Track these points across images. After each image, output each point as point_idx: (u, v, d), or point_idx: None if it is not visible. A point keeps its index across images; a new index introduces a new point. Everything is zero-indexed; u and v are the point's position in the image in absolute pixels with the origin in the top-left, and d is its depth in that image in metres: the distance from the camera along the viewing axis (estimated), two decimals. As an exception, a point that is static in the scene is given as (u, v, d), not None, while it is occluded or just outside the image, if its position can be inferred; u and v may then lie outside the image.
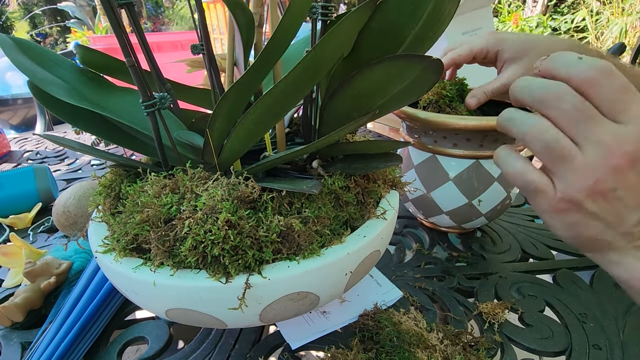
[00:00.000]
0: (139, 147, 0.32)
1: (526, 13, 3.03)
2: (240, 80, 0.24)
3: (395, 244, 0.50)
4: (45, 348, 0.34)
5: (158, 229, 0.25)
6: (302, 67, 0.23)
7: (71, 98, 0.28)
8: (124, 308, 0.41)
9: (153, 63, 0.29)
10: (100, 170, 0.81)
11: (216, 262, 0.24)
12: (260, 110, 0.25)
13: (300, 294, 0.26)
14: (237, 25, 0.28)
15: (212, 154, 0.27)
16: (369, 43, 0.27)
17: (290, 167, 0.33)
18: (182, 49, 1.65)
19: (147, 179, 0.27)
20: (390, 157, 0.31)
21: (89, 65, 0.33)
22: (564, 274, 0.44)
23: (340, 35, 0.23)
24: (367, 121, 0.28)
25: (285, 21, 0.24)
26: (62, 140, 0.30)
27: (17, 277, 0.44)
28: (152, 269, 0.25)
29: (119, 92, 0.33)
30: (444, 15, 0.25)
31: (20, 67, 0.28)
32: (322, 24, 0.28)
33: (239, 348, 0.35)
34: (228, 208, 0.24)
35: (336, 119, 0.29)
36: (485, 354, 0.32)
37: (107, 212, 0.30)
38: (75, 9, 4.44)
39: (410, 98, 0.28)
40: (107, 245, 0.28)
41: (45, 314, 0.39)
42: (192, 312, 0.26)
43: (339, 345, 0.34)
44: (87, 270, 0.41)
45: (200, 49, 0.31)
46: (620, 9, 2.38)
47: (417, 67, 0.23)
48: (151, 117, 0.26)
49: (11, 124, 2.39)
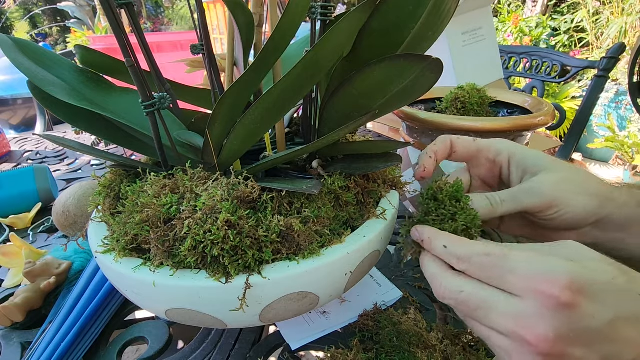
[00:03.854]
0: (139, 147, 0.32)
1: (526, 13, 3.03)
2: (240, 80, 0.24)
3: (395, 244, 0.50)
4: (45, 348, 0.34)
5: (158, 229, 0.25)
6: (301, 67, 0.23)
7: (71, 98, 0.28)
8: (124, 308, 0.41)
9: (152, 63, 0.29)
10: (100, 170, 0.81)
11: (216, 262, 0.24)
12: (260, 110, 0.25)
13: (300, 294, 0.26)
14: (237, 25, 0.28)
15: (212, 154, 0.27)
16: (369, 43, 0.27)
17: (290, 167, 0.33)
18: (182, 49, 1.65)
19: (146, 179, 0.27)
20: (390, 157, 0.31)
21: (89, 66, 0.33)
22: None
23: (339, 35, 0.23)
24: (367, 121, 0.28)
25: (285, 21, 0.24)
26: (62, 140, 0.30)
27: (17, 277, 0.44)
28: (152, 269, 0.25)
29: (118, 92, 0.33)
30: (443, 14, 0.25)
31: (20, 68, 0.28)
32: (322, 24, 0.28)
33: (239, 348, 0.35)
34: (228, 208, 0.24)
35: (336, 118, 0.29)
36: (485, 354, 0.32)
37: (107, 212, 0.30)
38: (75, 9, 4.44)
39: (410, 98, 0.28)
40: (107, 245, 0.28)
41: (45, 314, 0.39)
42: (192, 312, 0.26)
43: (339, 345, 0.34)
44: (87, 270, 0.41)
45: (200, 49, 0.31)
46: (620, 9, 2.38)
47: (417, 67, 0.23)
48: (151, 117, 0.26)
49: (11, 124, 2.39)
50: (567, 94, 2.26)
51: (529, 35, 2.73)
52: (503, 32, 2.81)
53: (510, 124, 0.45)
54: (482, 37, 0.84)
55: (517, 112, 0.55)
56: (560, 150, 0.97)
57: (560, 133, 2.15)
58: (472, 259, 0.22)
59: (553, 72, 1.02)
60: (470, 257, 0.22)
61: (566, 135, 0.97)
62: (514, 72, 1.13)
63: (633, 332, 0.19)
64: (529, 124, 0.45)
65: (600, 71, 0.90)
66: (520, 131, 0.46)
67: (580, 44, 2.71)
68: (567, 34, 2.77)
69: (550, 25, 2.81)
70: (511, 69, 1.13)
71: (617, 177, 2.13)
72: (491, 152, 0.31)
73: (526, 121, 0.45)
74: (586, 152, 2.38)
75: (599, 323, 0.19)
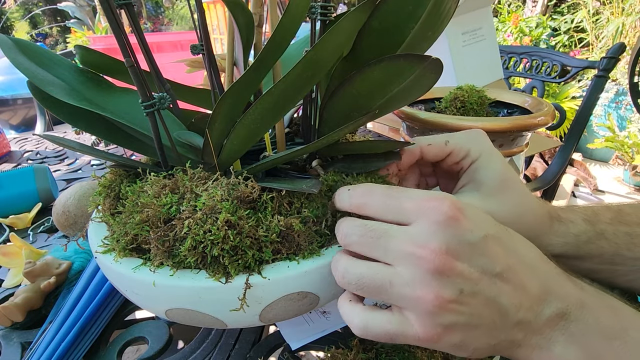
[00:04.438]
0: (139, 147, 0.32)
1: (526, 13, 3.03)
2: (240, 80, 0.24)
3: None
4: (45, 348, 0.34)
5: (158, 229, 0.25)
6: (301, 66, 0.23)
7: (71, 98, 0.28)
8: (124, 308, 0.41)
9: (152, 63, 0.29)
10: (100, 170, 0.81)
11: (216, 262, 0.24)
12: (260, 110, 0.25)
13: (300, 294, 0.26)
14: (236, 26, 0.28)
15: (212, 154, 0.27)
16: (369, 43, 0.27)
17: (290, 167, 0.33)
18: (182, 49, 1.66)
19: (146, 179, 0.27)
20: (390, 156, 0.31)
21: (89, 66, 0.33)
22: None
23: (339, 35, 0.23)
24: (367, 121, 0.28)
25: (285, 21, 0.24)
26: (62, 140, 0.30)
27: (17, 277, 0.44)
28: (151, 269, 0.25)
29: (118, 92, 0.33)
30: (443, 14, 0.25)
31: (20, 68, 0.28)
32: (322, 24, 0.28)
33: (239, 348, 0.35)
34: (228, 208, 0.24)
35: (336, 118, 0.29)
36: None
37: (106, 212, 0.30)
38: (75, 9, 4.44)
39: (409, 98, 0.28)
40: (107, 245, 0.28)
41: (45, 314, 0.39)
42: (192, 312, 0.26)
43: (339, 345, 0.34)
44: (87, 270, 0.41)
45: (200, 49, 0.31)
46: (620, 9, 2.38)
47: (417, 67, 0.23)
48: (151, 117, 0.26)
49: (11, 124, 2.39)
50: (567, 94, 2.26)
51: (529, 35, 2.73)
52: (503, 32, 2.81)
53: (510, 124, 0.45)
54: (482, 37, 0.84)
55: (517, 112, 0.55)
56: (560, 150, 0.97)
57: (560, 133, 2.15)
58: (374, 193, 0.24)
59: (553, 72, 1.02)
60: (371, 191, 0.24)
61: (566, 135, 0.97)
62: (514, 72, 1.13)
63: (499, 248, 0.22)
64: (529, 124, 0.45)
65: (600, 71, 0.90)
66: (520, 131, 0.46)
67: (580, 44, 2.71)
68: (567, 34, 2.77)
69: (550, 25, 2.81)
70: (511, 69, 1.13)
71: (617, 177, 2.13)
72: (459, 155, 0.31)
73: (526, 121, 0.45)
74: (586, 152, 2.38)
75: (476, 238, 0.22)
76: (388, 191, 0.24)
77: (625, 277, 0.32)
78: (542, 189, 0.94)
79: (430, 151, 0.31)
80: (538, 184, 0.94)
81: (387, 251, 0.22)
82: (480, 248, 0.22)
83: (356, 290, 0.23)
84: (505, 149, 0.48)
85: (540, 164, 1.62)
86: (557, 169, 0.95)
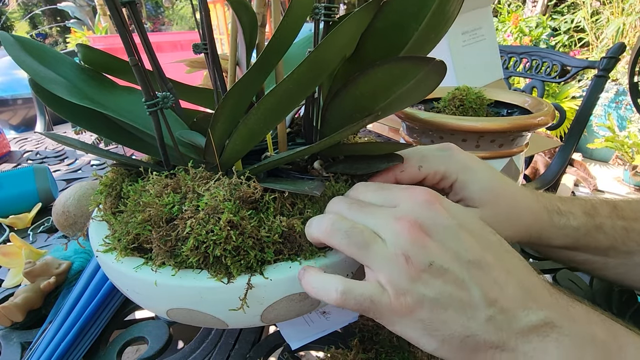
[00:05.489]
0: (141, 146, 0.32)
1: (526, 13, 3.03)
2: (242, 80, 0.24)
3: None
4: (45, 348, 0.34)
5: (160, 228, 0.25)
6: (305, 67, 0.22)
7: (73, 96, 0.27)
8: (124, 308, 0.41)
9: (155, 62, 0.29)
10: (100, 170, 0.81)
11: (218, 262, 0.24)
12: (262, 110, 0.25)
13: (301, 295, 0.26)
14: (240, 25, 0.28)
15: (214, 153, 0.27)
16: (372, 44, 0.27)
17: (292, 167, 0.33)
18: (182, 49, 1.65)
19: (148, 179, 0.27)
20: (391, 158, 0.31)
21: (91, 65, 0.33)
22: (564, 273, 0.44)
23: (343, 35, 0.23)
24: (370, 122, 0.28)
25: (287, 21, 0.24)
26: (64, 139, 0.29)
27: (17, 277, 0.44)
28: (153, 269, 0.25)
29: (120, 91, 0.33)
30: (447, 15, 0.25)
31: (22, 65, 0.28)
32: (325, 25, 0.28)
33: (239, 348, 0.35)
34: (230, 208, 0.24)
35: (338, 119, 0.29)
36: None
37: (108, 211, 0.30)
38: (75, 9, 4.44)
39: (412, 100, 0.28)
40: (108, 244, 0.28)
41: (45, 314, 0.39)
42: (193, 312, 0.26)
43: (339, 345, 0.34)
44: (87, 270, 0.41)
45: (202, 48, 0.31)
46: (620, 9, 2.38)
47: (420, 69, 0.23)
48: (153, 116, 0.26)
49: (11, 124, 2.39)
50: (567, 94, 2.26)
51: (528, 35, 2.73)
52: (503, 32, 2.81)
53: (510, 124, 0.45)
54: (482, 37, 0.84)
55: (517, 112, 0.55)
56: (560, 150, 0.98)
57: (560, 133, 2.15)
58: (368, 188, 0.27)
59: (553, 72, 1.02)
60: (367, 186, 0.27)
61: (566, 135, 0.97)
62: (514, 72, 1.13)
63: (473, 241, 0.23)
64: (529, 124, 0.45)
65: (600, 71, 0.90)
66: (520, 131, 0.46)
67: (580, 44, 2.71)
68: (567, 34, 2.77)
69: (550, 25, 2.81)
70: (511, 69, 1.13)
71: (617, 177, 2.14)
72: (435, 179, 0.31)
73: (526, 121, 0.45)
74: (586, 152, 2.38)
75: (450, 223, 0.23)
76: (381, 184, 0.27)
77: (616, 270, 0.33)
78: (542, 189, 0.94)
79: (403, 178, 0.31)
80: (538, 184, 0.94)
81: (374, 218, 0.24)
82: (454, 234, 0.23)
83: (341, 239, 0.24)
84: (505, 149, 0.48)
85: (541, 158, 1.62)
86: (557, 168, 0.95)
